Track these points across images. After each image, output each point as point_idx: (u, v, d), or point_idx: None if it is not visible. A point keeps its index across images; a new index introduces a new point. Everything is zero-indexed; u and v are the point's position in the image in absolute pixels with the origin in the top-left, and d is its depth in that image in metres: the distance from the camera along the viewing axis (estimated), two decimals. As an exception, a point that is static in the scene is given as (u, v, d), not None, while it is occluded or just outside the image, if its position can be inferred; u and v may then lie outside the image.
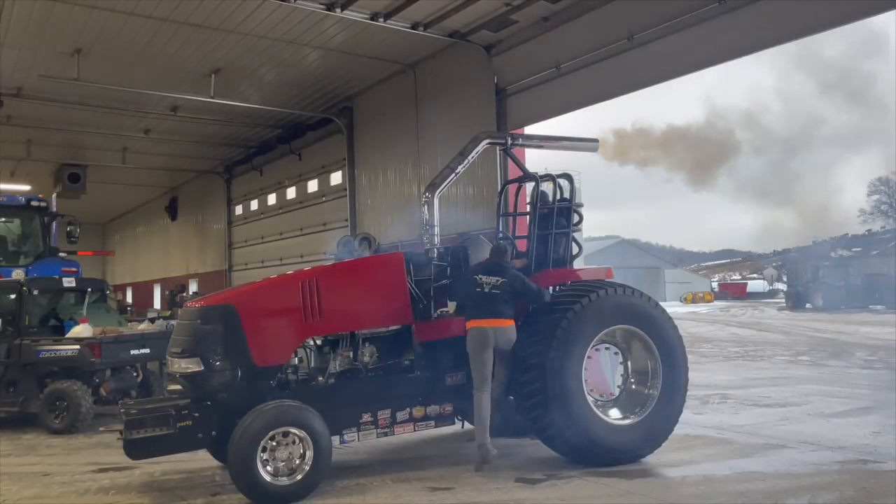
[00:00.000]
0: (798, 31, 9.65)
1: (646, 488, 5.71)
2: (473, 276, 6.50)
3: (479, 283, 6.41)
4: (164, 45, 14.41)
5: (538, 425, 6.34)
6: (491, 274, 6.45)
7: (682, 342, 6.89)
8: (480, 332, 6.28)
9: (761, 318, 31.79)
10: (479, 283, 6.41)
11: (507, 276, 6.43)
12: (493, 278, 6.40)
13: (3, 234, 13.83)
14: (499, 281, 6.38)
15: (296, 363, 6.29)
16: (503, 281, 6.38)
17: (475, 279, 6.46)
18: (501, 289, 6.36)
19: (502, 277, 6.40)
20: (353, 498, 5.64)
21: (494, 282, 6.38)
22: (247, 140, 22.64)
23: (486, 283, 6.39)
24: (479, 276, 6.46)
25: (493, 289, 6.36)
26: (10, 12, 12.80)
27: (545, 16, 12.78)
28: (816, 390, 10.37)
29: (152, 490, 6.07)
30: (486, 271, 6.50)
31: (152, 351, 9.42)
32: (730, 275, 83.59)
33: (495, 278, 6.40)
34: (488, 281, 6.40)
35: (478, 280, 6.43)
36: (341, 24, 13.47)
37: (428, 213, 7.05)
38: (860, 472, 6.01)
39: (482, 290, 6.38)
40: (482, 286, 6.39)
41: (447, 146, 14.09)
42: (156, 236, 34.55)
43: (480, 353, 6.27)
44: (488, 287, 6.37)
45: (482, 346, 6.26)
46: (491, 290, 6.36)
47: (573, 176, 7.56)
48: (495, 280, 6.39)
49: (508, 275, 6.44)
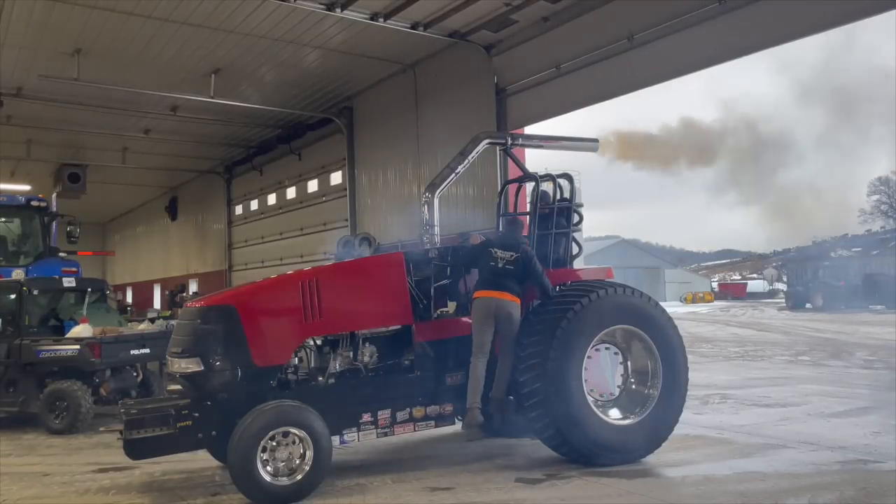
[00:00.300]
0: (798, 31, 9.65)
1: (646, 488, 5.70)
2: (489, 249, 6.65)
3: (493, 256, 6.58)
4: (164, 45, 14.42)
5: (538, 425, 6.34)
6: (506, 248, 6.62)
7: (682, 342, 6.89)
8: (484, 301, 6.46)
9: (761, 318, 31.79)
10: (493, 257, 6.57)
11: (521, 250, 6.60)
12: (507, 253, 6.58)
13: (3, 234, 13.83)
14: (513, 256, 6.56)
15: (296, 363, 6.28)
16: (517, 256, 6.55)
17: (490, 252, 6.62)
18: (515, 265, 6.53)
19: (516, 252, 6.57)
20: (353, 498, 5.64)
21: (509, 257, 6.56)
22: (247, 140, 22.65)
23: (501, 257, 6.57)
24: (494, 250, 6.62)
25: (506, 264, 6.54)
26: (10, 12, 12.81)
27: (545, 16, 12.79)
28: (816, 390, 10.36)
29: (152, 490, 6.06)
30: (502, 245, 6.67)
31: (152, 351, 9.42)
32: (730, 275, 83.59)
33: (510, 253, 6.57)
34: (503, 256, 6.57)
35: (493, 253, 6.59)
36: (341, 24, 13.48)
37: (428, 213, 7.05)
38: (860, 472, 6.00)
39: (496, 264, 6.55)
40: (496, 260, 6.56)
41: (447, 146, 14.09)
42: (156, 236, 34.57)
43: (481, 322, 6.44)
44: (502, 262, 6.55)
45: (485, 314, 6.42)
46: (504, 265, 6.54)
47: (573, 176, 7.57)
48: (509, 255, 6.56)
49: (521, 249, 6.63)
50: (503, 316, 6.44)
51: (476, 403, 6.30)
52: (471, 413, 6.30)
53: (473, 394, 6.33)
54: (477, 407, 6.30)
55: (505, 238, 6.84)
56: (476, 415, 6.29)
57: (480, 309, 6.46)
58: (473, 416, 6.29)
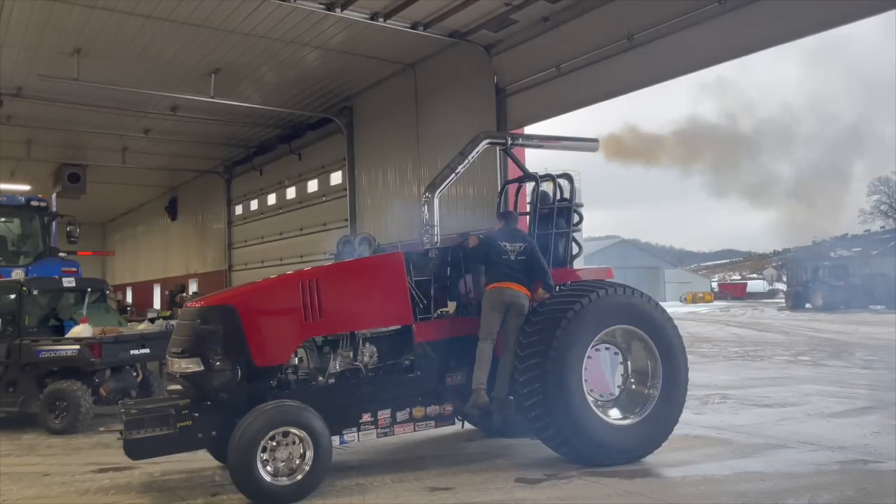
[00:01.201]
0: (798, 31, 9.65)
1: (646, 488, 5.70)
2: (498, 244, 6.77)
3: (504, 250, 6.72)
4: (164, 45, 14.42)
5: (538, 425, 6.34)
6: (514, 241, 6.78)
7: (682, 342, 6.89)
8: (498, 290, 6.58)
9: (761, 318, 31.79)
10: (504, 251, 6.72)
11: (527, 240, 6.81)
12: (516, 244, 6.75)
13: (3, 234, 13.83)
14: (521, 247, 6.73)
15: (296, 363, 6.28)
16: (525, 246, 6.73)
17: (500, 246, 6.75)
18: (526, 254, 6.69)
19: (523, 242, 6.76)
20: (353, 498, 5.64)
21: (518, 248, 6.73)
22: (247, 140, 22.64)
23: (512, 250, 6.73)
24: (503, 244, 6.75)
25: (518, 255, 6.70)
26: (10, 12, 12.80)
27: (545, 16, 12.78)
28: (816, 390, 10.36)
29: (152, 490, 6.06)
30: (509, 238, 6.81)
31: (152, 351, 9.41)
32: (730, 275, 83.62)
33: (518, 244, 6.74)
34: (513, 248, 6.74)
35: (503, 247, 6.73)
36: (341, 24, 13.48)
37: (428, 213, 7.05)
38: (860, 472, 6.01)
39: (508, 257, 6.69)
40: (508, 253, 6.70)
41: (447, 146, 14.09)
42: (156, 236, 34.56)
43: (493, 310, 6.54)
44: (514, 254, 6.70)
45: (498, 303, 6.53)
46: (517, 257, 6.70)
47: (573, 176, 7.57)
48: (518, 246, 6.74)
49: (527, 239, 6.84)
50: (516, 308, 6.53)
51: (482, 384, 6.38)
52: (476, 393, 6.37)
53: (480, 375, 6.41)
54: (482, 388, 6.37)
55: (508, 231, 6.94)
56: (482, 395, 6.36)
57: (495, 297, 6.56)
58: (479, 396, 6.36)
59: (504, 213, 7.24)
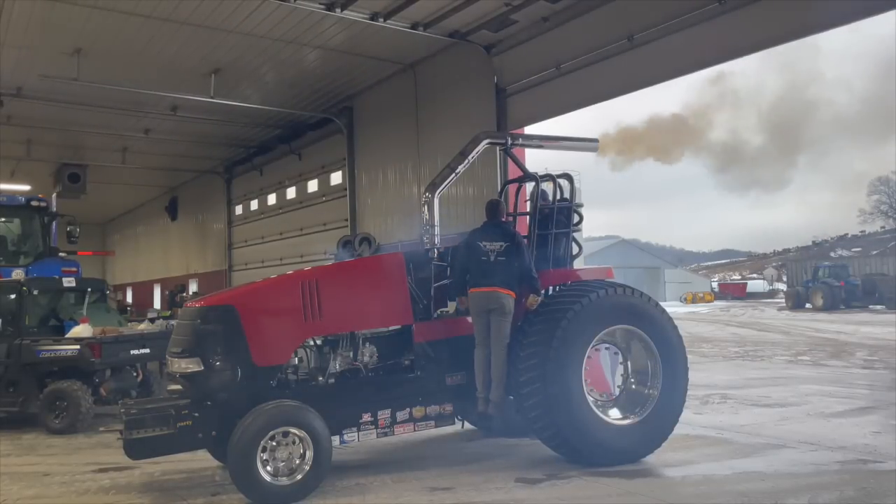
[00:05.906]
0: (798, 31, 9.63)
1: (646, 488, 5.70)
2: (477, 244, 6.57)
3: (483, 251, 6.50)
4: (164, 45, 14.41)
5: (538, 425, 6.34)
6: (493, 239, 6.53)
7: (682, 342, 6.90)
8: (478, 296, 6.45)
9: (761, 317, 31.79)
10: (484, 252, 6.50)
11: (508, 237, 6.54)
12: (496, 244, 6.50)
13: (3, 234, 13.84)
14: (502, 246, 6.48)
15: (296, 363, 6.29)
16: (506, 246, 6.47)
17: (479, 246, 6.54)
18: (507, 255, 6.45)
19: (504, 241, 6.50)
20: (353, 498, 5.64)
21: (498, 248, 6.48)
22: (247, 140, 22.65)
23: (491, 250, 6.49)
24: (482, 244, 6.54)
25: (498, 256, 6.46)
26: (10, 12, 12.80)
27: (545, 16, 12.78)
28: (816, 390, 10.36)
29: (152, 490, 6.06)
30: (488, 236, 6.58)
31: (152, 351, 9.41)
32: (730, 275, 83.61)
33: (498, 243, 6.49)
34: (492, 248, 6.49)
35: (482, 247, 6.52)
36: (341, 24, 13.48)
37: (428, 213, 7.04)
38: (860, 472, 6.01)
39: (488, 259, 6.47)
40: (487, 255, 6.48)
41: (447, 146, 14.07)
42: (156, 236, 34.57)
43: (476, 316, 6.48)
44: (493, 255, 6.47)
45: (479, 309, 6.44)
46: (496, 257, 6.46)
47: (573, 176, 7.56)
48: (499, 246, 6.49)
49: (508, 235, 6.57)
50: (497, 309, 6.39)
51: (480, 393, 6.43)
52: (478, 402, 6.44)
53: (479, 383, 6.46)
54: (481, 396, 6.43)
55: (488, 228, 6.72)
56: (481, 403, 6.44)
57: (475, 303, 6.50)
58: (479, 404, 6.44)
59: (489, 206, 6.93)
